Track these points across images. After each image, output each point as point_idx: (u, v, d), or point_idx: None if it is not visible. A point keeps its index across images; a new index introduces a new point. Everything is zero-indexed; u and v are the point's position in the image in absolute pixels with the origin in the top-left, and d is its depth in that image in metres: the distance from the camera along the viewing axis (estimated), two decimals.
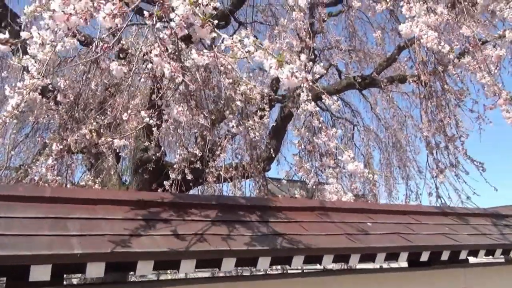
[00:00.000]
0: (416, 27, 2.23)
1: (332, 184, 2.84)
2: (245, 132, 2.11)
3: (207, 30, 1.62)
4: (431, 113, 4.51)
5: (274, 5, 6.37)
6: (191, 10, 1.55)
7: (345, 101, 7.45)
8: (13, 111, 1.82)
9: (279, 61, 1.49)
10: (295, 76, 1.46)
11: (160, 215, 1.93)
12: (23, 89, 1.88)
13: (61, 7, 1.22)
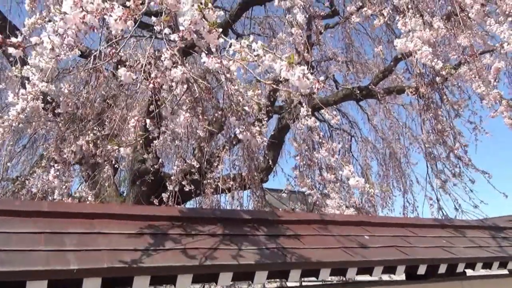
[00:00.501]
0: (411, 42, 2.26)
1: (334, 199, 2.85)
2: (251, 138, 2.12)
3: (215, 35, 1.63)
4: (430, 124, 4.53)
5: (272, 17, 6.43)
6: (200, 15, 1.57)
7: (342, 112, 7.49)
8: (18, 115, 1.82)
9: (289, 63, 1.50)
10: (306, 77, 1.47)
11: (157, 229, 1.93)
12: (27, 95, 1.90)
13: (73, 9, 1.23)
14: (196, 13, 1.45)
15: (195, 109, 2.16)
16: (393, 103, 6.69)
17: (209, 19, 1.51)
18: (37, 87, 1.63)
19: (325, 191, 3.14)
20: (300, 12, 3.10)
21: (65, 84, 3.22)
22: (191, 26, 1.47)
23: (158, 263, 1.63)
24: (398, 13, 3.28)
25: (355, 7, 3.41)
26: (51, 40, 1.33)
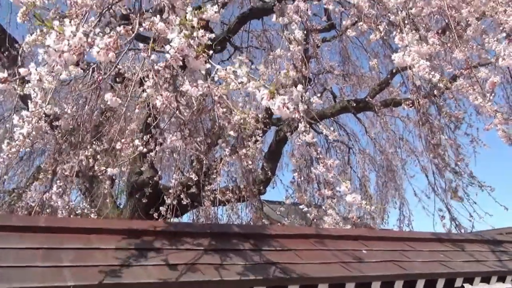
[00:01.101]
0: (409, 56, 2.29)
1: (331, 216, 2.86)
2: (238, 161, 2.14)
3: (201, 62, 1.66)
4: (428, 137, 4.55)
5: (269, 31, 6.50)
6: (186, 43, 1.59)
7: (340, 124, 7.52)
8: (25, 140, 1.84)
9: (271, 92, 1.52)
10: (286, 107, 1.49)
11: (153, 244, 1.92)
12: (31, 117, 1.91)
13: (55, 42, 1.25)
14: (183, 40, 1.46)
15: (182, 131, 2.17)
16: (390, 116, 6.72)
17: (197, 44, 1.52)
18: (40, 108, 1.64)
19: (323, 207, 3.15)
20: (298, 28, 3.14)
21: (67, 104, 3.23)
22: (177, 54, 1.48)
23: (153, 278, 1.63)
24: (394, 27, 3.33)
25: (350, 22, 3.45)
26: (38, 72, 1.34)
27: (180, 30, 1.52)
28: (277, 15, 3.49)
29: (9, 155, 2.08)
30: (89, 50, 1.37)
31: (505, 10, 2.37)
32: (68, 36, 1.25)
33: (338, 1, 4.43)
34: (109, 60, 1.40)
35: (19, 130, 1.89)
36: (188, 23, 1.51)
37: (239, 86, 1.60)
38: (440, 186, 4.88)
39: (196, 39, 1.61)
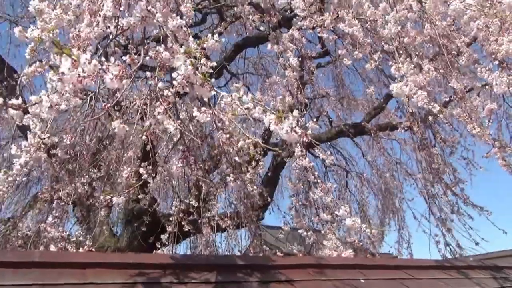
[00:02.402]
0: (406, 86, 2.33)
1: (331, 240, 2.84)
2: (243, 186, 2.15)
3: (207, 89, 1.68)
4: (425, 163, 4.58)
5: (265, 58, 6.60)
6: (192, 70, 1.61)
7: (337, 148, 7.55)
8: (22, 169, 1.83)
9: (278, 117, 1.54)
10: (294, 131, 1.50)
11: (152, 278, 1.90)
12: (29, 147, 1.90)
13: (70, 70, 1.27)
14: (189, 68, 1.49)
15: (188, 159, 2.18)
16: (386, 139, 6.76)
17: (201, 73, 1.55)
18: (39, 138, 1.64)
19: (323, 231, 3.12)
20: (293, 56, 3.20)
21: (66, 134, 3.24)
22: (184, 81, 1.50)
23: None
24: (389, 55, 3.39)
25: (345, 51, 3.52)
26: (50, 99, 1.35)
27: (186, 59, 1.54)
28: (272, 43, 3.56)
29: (6, 184, 2.07)
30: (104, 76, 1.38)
31: (496, 40, 2.42)
32: (82, 64, 1.27)
33: (332, 29, 4.52)
34: (122, 86, 1.42)
35: (17, 160, 1.89)
36: (193, 51, 1.55)
37: (245, 111, 1.62)
38: (439, 209, 4.86)
39: (201, 67, 1.63)
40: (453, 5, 2.17)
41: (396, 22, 2.63)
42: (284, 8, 4.80)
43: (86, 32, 1.54)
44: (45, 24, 1.52)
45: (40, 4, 1.66)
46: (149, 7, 1.48)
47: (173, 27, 1.57)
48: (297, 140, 1.51)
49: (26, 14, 6.77)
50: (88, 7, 1.81)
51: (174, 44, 1.56)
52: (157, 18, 1.52)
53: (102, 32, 1.68)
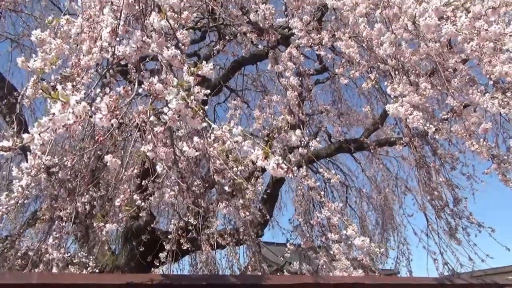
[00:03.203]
0: (402, 107, 2.35)
1: (341, 261, 2.83)
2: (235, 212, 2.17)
3: (198, 121, 1.70)
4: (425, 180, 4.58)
5: (263, 75, 6.66)
6: (184, 104, 1.63)
7: (336, 164, 7.57)
8: (24, 191, 1.84)
9: (265, 153, 1.55)
10: (280, 167, 1.52)
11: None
12: (30, 169, 1.92)
13: (60, 111, 1.29)
14: (181, 102, 1.51)
15: (180, 186, 2.20)
16: (385, 156, 6.78)
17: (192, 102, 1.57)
18: (40, 160, 1.66)
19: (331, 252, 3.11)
20: (293, 75, 3.24)
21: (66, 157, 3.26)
22: (175, 116, 1.52)
23: None
24: (386, 74, 3.43)
25: (342, 69, 3.56)
26: (41, 137, 1.38)
27: (178, 91, 1.57)
28: (272, 63, 3.60)
29: (7, 207, 2.08)
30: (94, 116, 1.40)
31: (490, 61, 2.45)
32: (72, 105, 1.29)
33: (330, 47, 4.57)
34: (111, 126, 1.44)
35: (18, 182, 1.90)
36: (185, 84, 1.57)
37: (234, 145, 1.64)
38: (439, 226, 4.85)
39: (193, 100, 1.65)
40: (445, 28, 2.20)
41: (392, 42, 2.67)
42: (282, 26, 4.86)
43: (85, 60, 1.56)
44: (46, 55, 1.54)
45: (42, 34, 1.69)
46: (144, 37, 1.50)
47: (168, 56, 1.60)
48: (283, 175, 1.53)
49: (27, 33, 6.87)
50: (88, 34, 1.85)
51: (168, 74, 1.59)
52: (152, 48, 1.55)
53: (101, 58, 1.71)
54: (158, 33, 1.56)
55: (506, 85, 2.73)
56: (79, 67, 1.59)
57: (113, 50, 1.53)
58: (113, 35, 1.48)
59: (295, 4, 3.57)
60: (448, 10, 2.20)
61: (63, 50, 1.63)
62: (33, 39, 1.80)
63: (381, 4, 2.92)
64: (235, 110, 4.51)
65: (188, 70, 1.61)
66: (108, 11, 1.53)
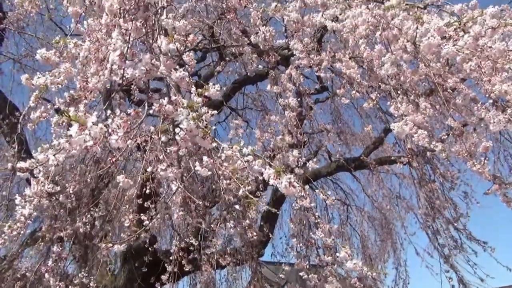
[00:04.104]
0: (406, 125, 2.38)
1: (333, 284, 2.81)
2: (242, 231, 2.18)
3: (208, 141, 1.71)
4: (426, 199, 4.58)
5: (263, 94, 6.71)
6: (195, 124, 1.65)
7: (337, 183, 7.56)
8: (26, 221, 1.84)
9: (277, 172, 1.57)
10: (293, 185, 1.53)
11: None
12: (33, 197, 1.91)
13: (77, 133, 1.30)
14: (192, 122, 1.53)
15: (189, 206, 2.20)
16: (386, 173, 6.79)
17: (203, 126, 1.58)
18: (43, 186, 1.66)
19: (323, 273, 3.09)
20: (292, 96, 3.28)
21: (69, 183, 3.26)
22: (187, 136, 1.54)
23: None
24: (386, 94, 3.47)
25: (343, 90, 3.61)
26: (56, 159, 1.38)
27: (188, 112, 1.59)
28: (272, 83, 3.64)
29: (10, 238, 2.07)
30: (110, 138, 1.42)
31: (489, 80, 2.49)
32: (89, 127, 1.30)
33: (329, 68, 4.63)
34: (127, 147, 1.45)
35: (20, 210, 1.89)
36: (196, 105, 1.59)
37: (245, 164, 1.65)
38: (441, 245, 4.82)
39: (203, 121, 1.67)
40: (446, 48, 2.24)
41: (392, 63, 2.71)
42: (282, 46, 4.94)
43: (93, 83, 1.59)
44: (55, 78, 1.57)
45: (47, 53, 1.72)
46: (153, 60, 1.53)
47: (176, 78, 1.63)
48: (295, 194, 1.55)
49: (30, 53, 6.94)
50: (94, 56, 1.88)
51: (177, 96, 1.61)
52: (160, 70, 1.58)
53: (108, 80, 1.73)
54: (165, 55, 1.59)
55: (506, 103, 2.76)
56: (86, 90, 1.61)
57: (123, 73, 1.56)
58: (123, 58, 1.50)
59: (295, 26, 3.63)
60: (450, 30, 2.25)
61: (72, 74, 1.66)
62: (38, 58, 1.83)
63: (381, 26, 2.98)
64: (237, 130, 4.53)
65: (196, 92, 1.64)
66: (116, 34, 1.57)
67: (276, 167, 1.55)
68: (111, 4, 1.75)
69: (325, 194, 2.89)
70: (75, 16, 1.93)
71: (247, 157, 1.66)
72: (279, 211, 6.54)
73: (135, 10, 1.63)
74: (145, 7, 1.78)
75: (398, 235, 6.90)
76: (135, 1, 1.60)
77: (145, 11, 1.69)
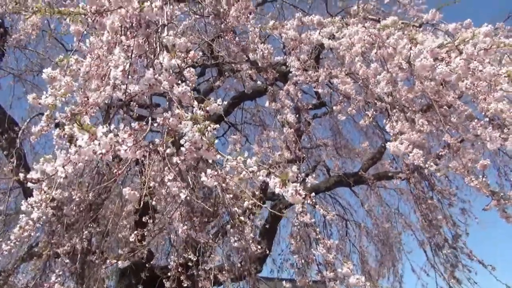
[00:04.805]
0: (401, 144, 2.41)
1: None
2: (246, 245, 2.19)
3: (213, 153, 1.74)
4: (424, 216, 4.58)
5: (262, 110, 6.77)
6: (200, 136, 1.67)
7: (335, 198, 7.56)
8: (35, 225, 1.84)
9: (283, 180, 1.59)
10: (299, 193, 1.55)
11: None
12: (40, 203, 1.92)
13: (87, 143, 1.32)
14: (197, 134, 1.56)
15: (193, 221, 2.22)
16: (383, 189, 6.79)
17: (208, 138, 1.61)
18: (47, 194, 1.67)
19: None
20: (290, 112, 3.32)
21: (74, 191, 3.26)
22: (192, 147, 1.57)
23: None
24: (383, 111, 3.51)
25: (340, 107, 3.65)
26: (65, 170, 1.40)
27: (193, 124, 1.61)
28: (270, 100, 3.69)
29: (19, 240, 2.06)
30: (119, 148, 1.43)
31: (485, 98, 2.53)
32: (99, 137, 1.33)
33: (327, 84, 4.69)
34: (136, 157, 1.47)
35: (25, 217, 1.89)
36: (199, 117, 1.62)
37: (250, 175, 1.68)
38: (440, 263, 4.80)
39: (208, 132, 1.70)
40: (440, 68, 2.29)
41: (388, 82, 2.75)
42: (280, 63, 5.01)
43: (94, 98, 1.62)
44: (56, 91, 1.60)
45: (53, 72, 1.76)
46: (156, 75, 1.57)
47: (179, 93, 1.66)
48: (301, 201, 1.57)
49: (30, 68, 7.00)
50: (96, 72, 1.92)
51: (180, 110, 1.65)
52: (163, 85, 1.61)
53: (109, 96, 1.77)
54: (167, 71, 1.63)
55: (502, 121, 2.79)
56: (87, 105, 1.64)
57: (125, 88, 1.59)
58: (125, 74, 1.54)
59: (293, 43, 3.70)
60: (442, 51, 2.30)
61: (72, 87, 1.69)
62: (44, 77, 1.86)
63: (376, 45, 3.04)
64: (235, 145, 4.57)
65: (198, 106, 1.67)
66: (119, 50, 1.60)
67: (282, 175, 1.57)
68: (113, 22, 1.79)
69: (325, 209, 2.90)
70: (77, 35, 1.97)
71: (252, 167, 1.68)
72: (276, 227, 6.52)
73: (137, 28, 1.67)
74: (147, 25, 1.83)
75: (398, 250, 6.87)
76: (136, 19, 1.64)
77: (147, 29, 1.73)
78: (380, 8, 5.27)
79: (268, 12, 6.87)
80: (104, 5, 1.56)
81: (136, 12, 1.58)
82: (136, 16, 1.59)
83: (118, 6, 1.55)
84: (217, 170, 1.79)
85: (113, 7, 1.55)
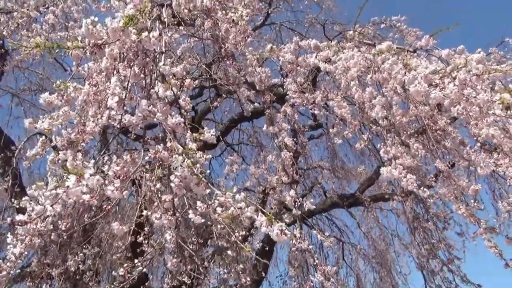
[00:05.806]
0: (395, 169, 2.42)
1: None
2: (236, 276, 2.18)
3: (202, 188, 1.75)
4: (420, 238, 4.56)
5: (259, 131, 6.80)
6: (190, 172, 1.68)
7: (332, 220, 7.53)
8: (17, 261, 1.83)
9: (269, 219, 1.60)
10: (284, 233, 1.56)
11: None
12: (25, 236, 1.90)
13: (75, 185, 1.33)
14: (186, 170, 1.57)
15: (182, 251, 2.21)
16: (380, 210, 6.78)
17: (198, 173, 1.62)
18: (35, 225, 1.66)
19: None
20: (287, 136, 3.34)
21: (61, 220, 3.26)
22: (181, 183, 1.58)
23: None
24: (377, 134, 3.54)
25: (336, 129, 3.68)
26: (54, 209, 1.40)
27: (183, 159, 1.63)
28: (268, 124, 3.72)
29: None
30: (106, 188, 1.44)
31: (477, 124, 2.56)
32: (87, 178, 1.34)
33: (324, 106, 4.73)
34: (122, 197, 1.48)
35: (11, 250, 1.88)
36: (190, 152, 1.64)
37: (238, 211, 1.68)
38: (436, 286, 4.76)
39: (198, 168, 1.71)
40: (434, 93, 2.32)
41: (383, 106, 2.79)
42: (277, 85, 5.06)
43: (91, 127, 1.63)
44: (54, 121, 1.61)
45: (50, 97, 1.78)
46: (150, 107, 1.59)
47: (172, 124, 1.68)
48: (286, 240, 1.57)
49: (29, 87, 7.04)
50: (93, 98, 1.94)
51: (173, 141, 1.66)
52: (157, 116, 1.63)
53: (106, 125, 1.78)
54: (162, 101, 1.65)
55: (494, 147, 2.81)
56: (84, 133, 1.66)
57: (120, 119, 1.61)
58: (121, 104, 1.56)
59: (290, 67, 3.74)
60: (436, 78, 2.33)
61: (70, 117, 1.70)
62: (42, 102, 1.87)
63: (372, 69, 3.08)
64: (232, 166, 4.57)
65: (191, 137, 1.69)
66: (115, 80, 1.63)
67: (268, 214, 1.58)
68: (111, 49, 1.82)
69: (323, 235, 2.91)
70: (76, 59, 2.00)
71: (240, 203, 1.68)
72: (273, 249, 6.47)
73: (133, 57, 1.70)
74: (144, 53, 1.86)
75: (395, 273, 6.80)
76: (133, 50, 1.67)
77: (144, 58, 1.76)
78: (376, 32, 5.35)
79: (266, 34, 6.98)
80: (103, 38, 1.59)
81: (134, 44, 1.61)
82: (134, 47, 1.62)
83: (116, 39, 1.58)
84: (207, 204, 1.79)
85: (111, 40, 1.58)
